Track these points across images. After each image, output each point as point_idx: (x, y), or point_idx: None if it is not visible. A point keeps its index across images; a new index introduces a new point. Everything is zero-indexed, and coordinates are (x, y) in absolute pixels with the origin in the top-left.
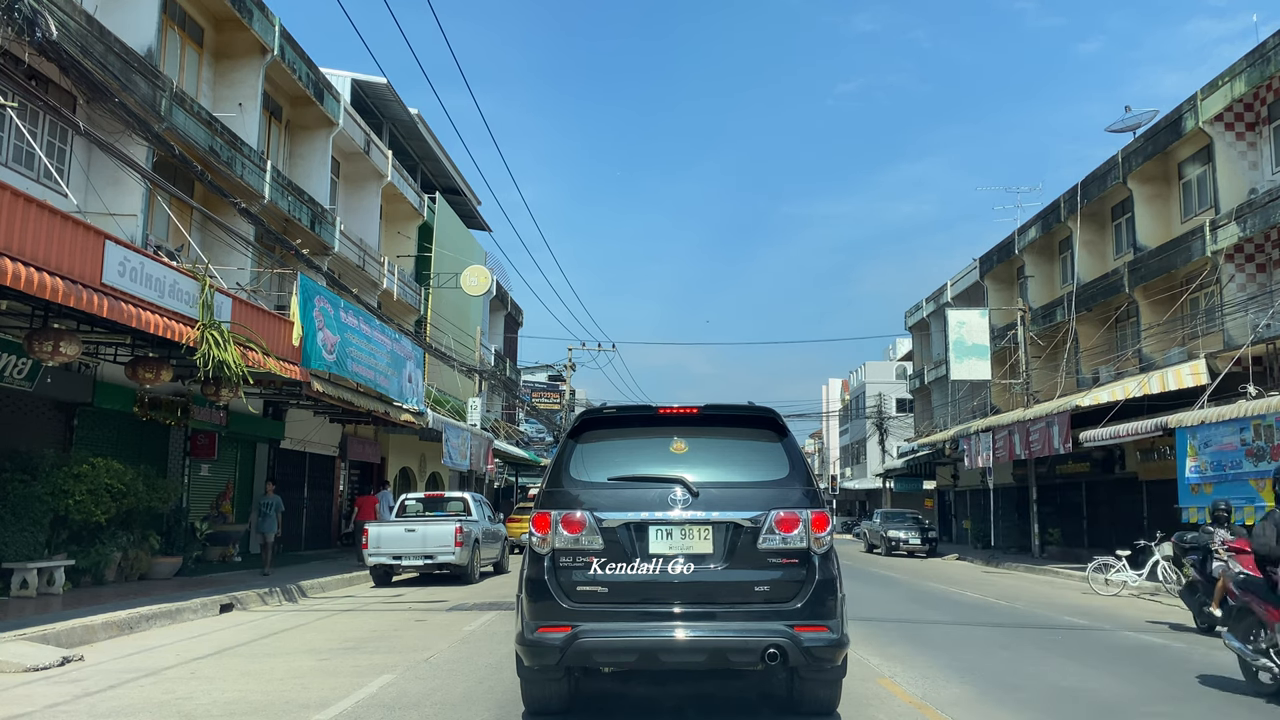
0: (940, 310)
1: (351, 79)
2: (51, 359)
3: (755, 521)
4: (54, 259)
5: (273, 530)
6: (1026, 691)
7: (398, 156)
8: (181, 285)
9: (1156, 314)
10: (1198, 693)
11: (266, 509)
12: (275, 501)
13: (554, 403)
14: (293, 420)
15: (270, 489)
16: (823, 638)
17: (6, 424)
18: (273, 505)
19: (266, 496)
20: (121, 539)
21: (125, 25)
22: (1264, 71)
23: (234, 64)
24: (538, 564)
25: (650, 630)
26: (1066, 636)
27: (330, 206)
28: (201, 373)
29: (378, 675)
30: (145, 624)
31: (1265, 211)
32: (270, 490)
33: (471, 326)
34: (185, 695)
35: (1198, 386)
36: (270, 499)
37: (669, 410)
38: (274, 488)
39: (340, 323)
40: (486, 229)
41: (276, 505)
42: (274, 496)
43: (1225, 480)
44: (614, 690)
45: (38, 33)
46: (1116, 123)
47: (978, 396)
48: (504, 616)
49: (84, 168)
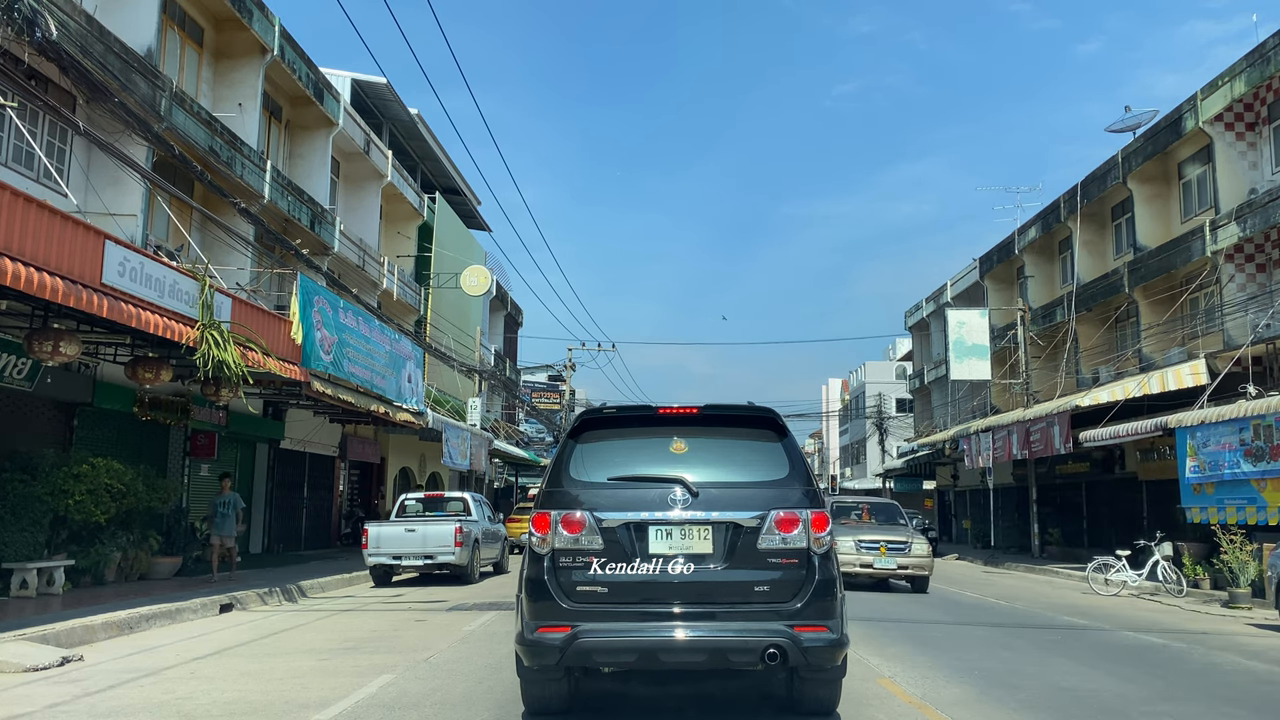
0: (940, 310)
1: (351, 79)
2: (51, 359)
3: (755, 521)
4: (54, 259)
5: (232, 532)
6: (1026, 691)
7: (398, 156)
8: (181, 285)
9: (1156, 314)
10: (1198, 693)
11: (224, 509)
12: (233, 499)
13: (554, 403)
14: (293, 420)
15: (226, 486)
16: (822, 638)
17: (6, 424)
18: (230, 504)
19: (222, 494)
20: (121, 539)
21: (125, 25)
22: (1264, 71)
23: (234, 64)
24: (538, 564)
25: (650, 630)
26: (1066, 636)
27: (330, 206)
28: (201, 373)
29: (378, 675)
30: (145, 624)
31: (1265, 211)
32: (226, 487)
33: (471, 326)
34: (185, 695)
35: (1198, 386)
36: (227, 497)
37: (669, 410)
38: (230, 484)
39: (338, 323)
40: (486, 229)
41: (234, 504)
42: (231, 494)
43: (1225, 481)
44: (614, 690)
45: (37, 33)
46: (1116, 123)
47: (978, 396)
48: (504, 616)
49: (84, 168)
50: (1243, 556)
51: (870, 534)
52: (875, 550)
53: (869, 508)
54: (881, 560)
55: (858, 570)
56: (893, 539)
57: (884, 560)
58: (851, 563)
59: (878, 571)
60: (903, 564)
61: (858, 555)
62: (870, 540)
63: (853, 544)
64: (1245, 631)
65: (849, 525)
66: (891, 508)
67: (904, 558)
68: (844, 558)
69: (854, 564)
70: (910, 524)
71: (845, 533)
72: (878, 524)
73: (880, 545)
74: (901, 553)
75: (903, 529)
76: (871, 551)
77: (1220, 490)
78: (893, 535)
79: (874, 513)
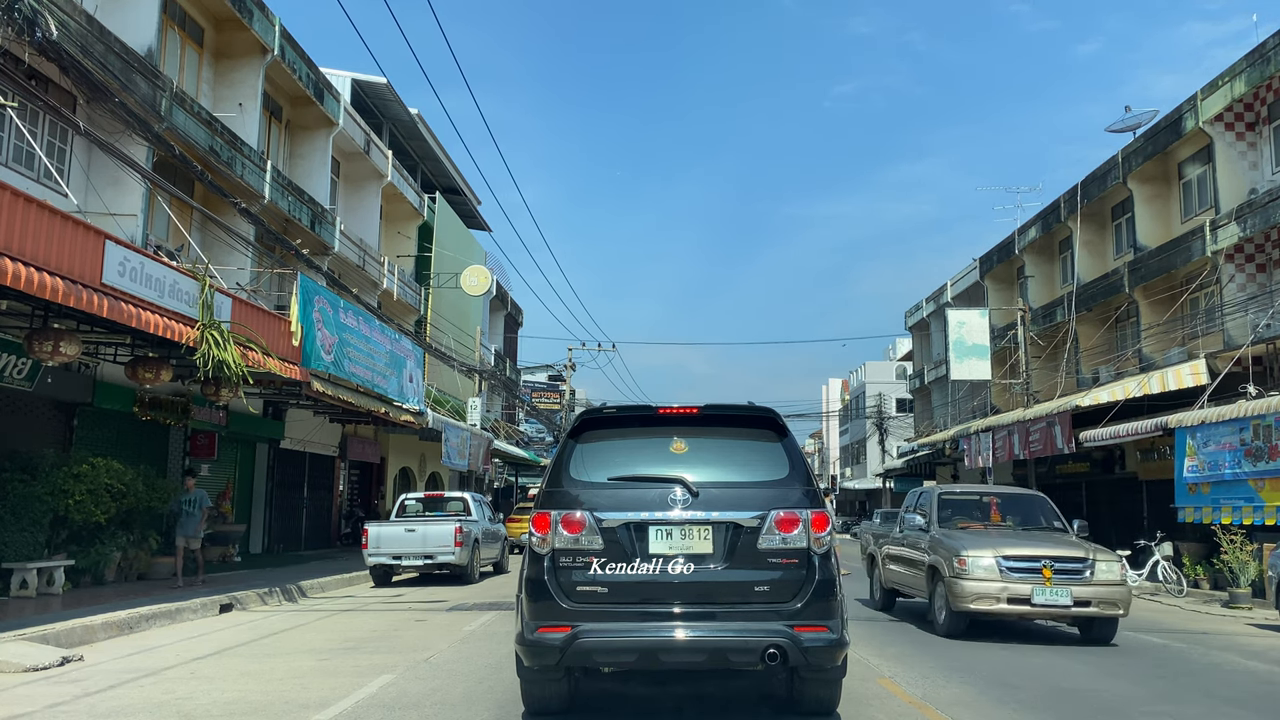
0: (940, 310)
1: (351, 79)
2: (51, 359)
3: (755, 521)
4: (54, 259)
5: (197, 533)
6: (1026, 691)
7: (398, 156)
8: (181, 285)
9: (1156, 314)
10: (1198, 693)
11: (189, 507)
12: (198, 498)
13: (554, 403)
14: (293, 420)
15: (191, 483)
16: (823, 638)
17: (6, 424)
18: (196, 503)
19: (187, 493)
20: (121, 539)
21: (125, 25)
22: (1264, 71)
23: (234, 64)
24: (538, 564)
25: (650, 630)
26: (1066, 636)
27: (330, 206)
28: (201, 373)
29: (378, 675)
30: (145, 624)
31: (1265, 211)
32: (191, 485)
33: (471, 326)
34: (185, 695)
35: (1198, 386)
36: (192, 495)
37: (669, 410)
38: (195, 482)
39: (339, 323)
40: (486, 229)
41: (200, 502)
42: (197, 492)
43: (1223, 480)
44: (614, 690)
45: (38, 33)
46: (1116, 123)
47: (978, 396)
48: (504, 616)
49: (84, 168)
50: (1243, 557)
51: (1021, 546)
52: (1034, 574)
53: (997, 502)
54: (1046, 593)
55: (1004, 608)
56: (1061, 554)
57: (1050, 592)
58: (991, 594)
59: (1038, 609)
60: (1081, 597)
61: (1003, 582)
62: (1025, 558)
63: (993, 563)
64: (1246, 632)
65: (976, 531)
66: (1034, 501)
67: (1083, 586)
68: (977, 585)
69: (996, 595)
70: (1072, 527)
71: (975, 544)
72: (1018, 528)
73: (1043, 565)
74: (1078, 579)
75: (1064, 537)
76: (1028, 577)
77: (1217, 490)
78: (1058, 548)
79: (1005, 509)
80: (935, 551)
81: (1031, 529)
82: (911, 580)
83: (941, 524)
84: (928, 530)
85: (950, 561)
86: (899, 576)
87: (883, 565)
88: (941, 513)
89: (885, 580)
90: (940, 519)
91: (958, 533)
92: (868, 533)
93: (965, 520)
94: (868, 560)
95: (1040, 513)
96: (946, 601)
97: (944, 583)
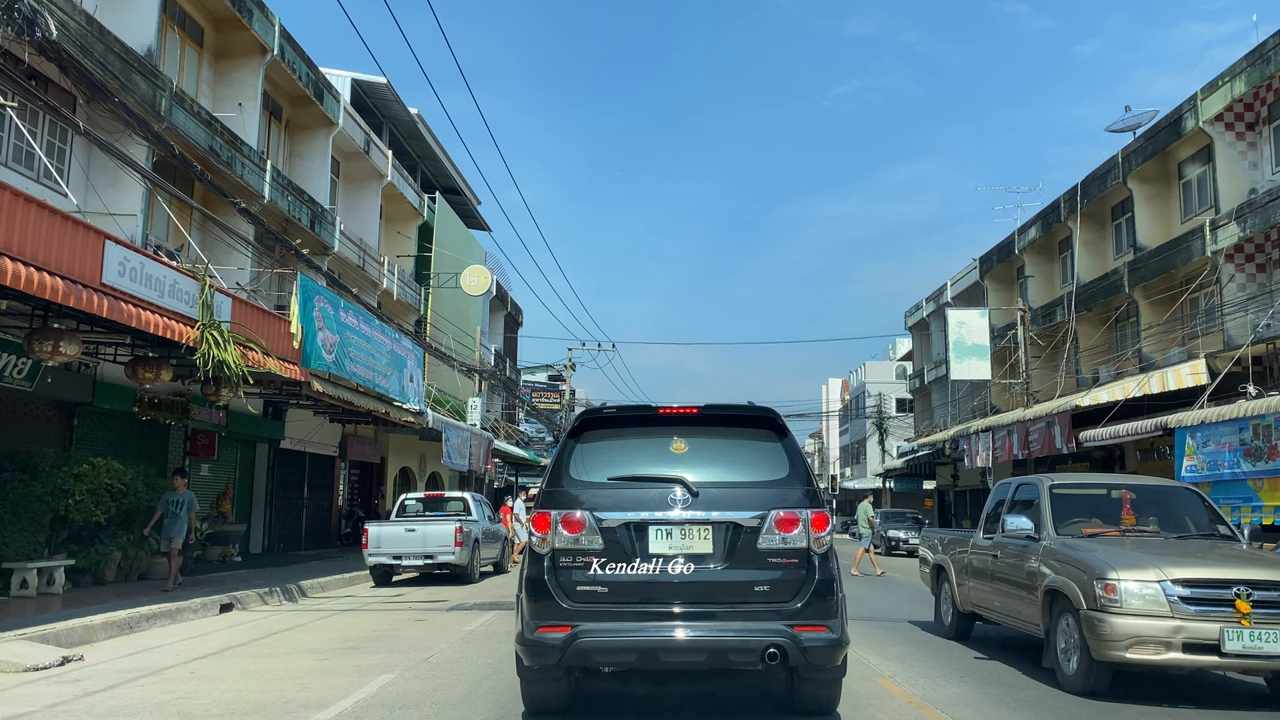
0: (940, 310)
1: (351, 79)
2: (51, 359)
3: (755, 521)
4: (54, 259)
5: (181, 534)
6: (1026, 691)
7: (398, 156)
8: (181, 285)
9: (1156, 314)
10: (1198, 693)
11: (176, 508)
12: (186, 499)
13: (554, 403)
14: (293, 420)
15: (179, 484)
16: (822, 638)
17: (6, 424)
18: (183, 504)
19: (175, 493)
20: (121, 539)
21: (125, 25)
22: (1264, 71)
23: (234, 64)
24: (538, 564)
25: (650, 630)
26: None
27: (330, 206)
28: (201, 373)
29: (378, 675)
30: (145, 624)
31: (1265, 211)
32: (180, 485)
33: (471, 326)
34: (185, 695)
35: (1197, 386)
36: (179, 495)
37: (669, 410)
38: (185, 483)
39: (340, 323)
40: (486, 229)
41: (188, 504)
42: (185, 493)
43: (1222, 480)
44: (614, 690)
45: (38, 32)
46: (1116, 123)
47: (978, 396)
48: (504, 616)
49: (84, 168)
50: None
51: (1198, 564)
52: (1223, 606)
53: (1131, 497)
54: (1245, 635)
55: (1178, 657)
56: (1263, 578)
57: (1252, 636)
58: (1158, 636)
59: (1231, 661)
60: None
61: (1177, 620)
62: (1208, 582)
63: (1158, 590)
64: None
65: (1113, 540)
66: (1182, 496)
67: None
68: (1135, 624)
69: (1167, 639)
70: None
71: (1125, 561)
72: (1169, 535)
73: (1236, 594)
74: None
75: (1248, 551)
76: (1214, 611)
77: (1217, 490)
78: (1255, 568)
79: (1141, 507)
80: (1057, 570)
81: (1189, 536)
82: (1009, 606)
83: (1059, 528)
84: (1039, 538)
85: (1089, 587)
86: (986, 598)
87: (956, 581)
88: (1057, 512)
89: (962, 601)
90: (1056, 521)
91: (1087, 543)
92: (933, 538)
93: (1088, 523)
94: (933, 573)
95: (1191, 512)
96: (1082, 643)
97: (1077, 617)
